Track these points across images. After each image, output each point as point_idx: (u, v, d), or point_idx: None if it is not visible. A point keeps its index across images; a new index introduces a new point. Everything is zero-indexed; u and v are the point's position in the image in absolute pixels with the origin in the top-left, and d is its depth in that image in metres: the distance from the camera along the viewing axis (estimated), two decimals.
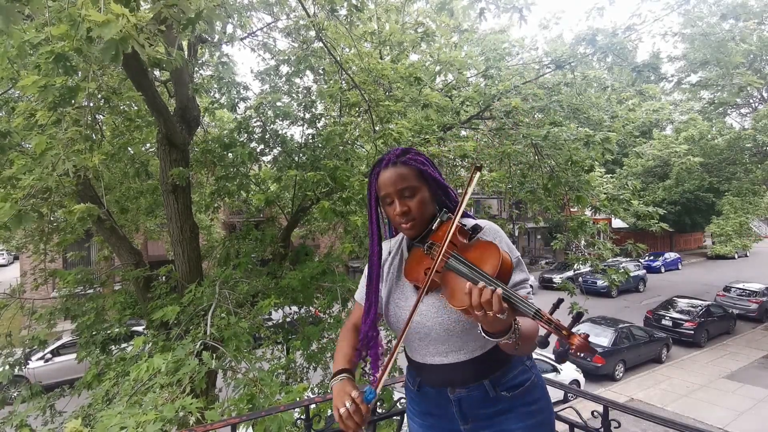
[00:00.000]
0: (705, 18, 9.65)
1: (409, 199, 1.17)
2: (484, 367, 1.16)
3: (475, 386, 1.17)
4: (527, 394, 1.18)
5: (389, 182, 1.18)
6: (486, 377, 1.16)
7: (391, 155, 1.20)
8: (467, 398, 1.18)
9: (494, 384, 1.17)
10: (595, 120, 5.55)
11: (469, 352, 1.16)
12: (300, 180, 4.22)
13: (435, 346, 1.18)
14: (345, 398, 1.06)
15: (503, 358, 1.17)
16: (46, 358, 9.14)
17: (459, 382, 1.18)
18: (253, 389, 2.45)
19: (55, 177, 2.43)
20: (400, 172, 1.17)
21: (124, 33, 1.74)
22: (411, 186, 1.17)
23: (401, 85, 4.78)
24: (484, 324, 0.94)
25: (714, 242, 17.28)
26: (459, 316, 1.12)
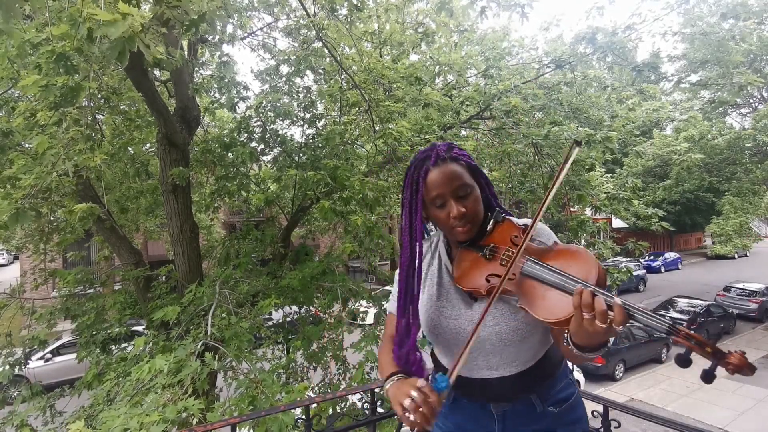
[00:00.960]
0: (705, 18, 9.65)
1: (464, 199, 1.04)
2: (532, 379, 1.08)
3: (521, 400, 1.08)
4: (572, 411, 1.10)
5: (443, 181, 1.03)
6: (534, 390, 1.08)
7: (439, 150, 1.06)
8: (512, 413, 1.09)
9: (541, 398, 1.08)
10: (596, 120, 5.55)
11: (522, 364, 1.07)
12: (300, 180, 4.22)
13: (486, 358, 1.07)
14: (409, 389, 0.88)
15: (550, 370, 1.10)
16: (46, 357, 9.14)
17: (504, 396, 1.09)
18: (255, 391, 2.45)
19: (55, 177, 2.44)
20: (453, 170, 1.04)
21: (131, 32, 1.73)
22: (465, 184, 1.04)
23: (401, 85, 4.78)
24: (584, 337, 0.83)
25: (714, 242, 17.29)
26: (517, 325, 1.02)
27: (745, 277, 17.85)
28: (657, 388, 9.77)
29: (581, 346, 0.86)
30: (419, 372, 1.06)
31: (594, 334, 0.80)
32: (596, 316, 0.78)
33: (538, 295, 0.92)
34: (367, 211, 4.46)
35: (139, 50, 1.83)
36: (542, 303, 0.91)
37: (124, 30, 1.69)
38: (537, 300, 0.92)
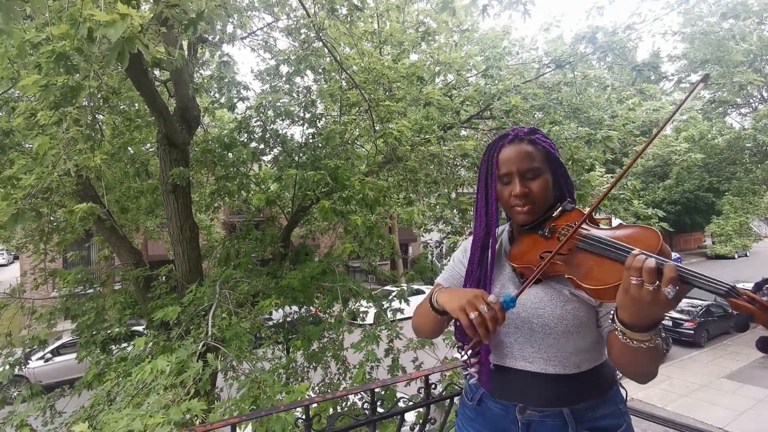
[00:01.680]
0: (705, 17, 9.66)
1: (531, 180, 1.03)
2: (570, 390, 0.98)
3: (552, 412, 0.98)
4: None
5: (513, 159, 1.04)
6: (568, 404, 0.98)
7: (519, 130, 1.08)
8: (539, 425, 0.99)
9: (576, 417, 0.97)
10: (596, 119, 5.55)
11: (560, 366, 0.98)
12: (300, 179, 4.22)
13: (522, 346, 1.02)
14: (479, 302, 0.86)
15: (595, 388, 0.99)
16: (46, 357, 9.14)
17: (535, 400, 1.00)
18: (257, 391, 2.45)
19: (56, 177, 2.44)
20: (526, 150, 1.04)
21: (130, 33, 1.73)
22: (535, 167, 1.04)
23: (402, 84, 4.78)
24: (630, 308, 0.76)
25: (714, 242, 17.29)
26: (563, 314, 0.97)
27: (745, 277, 17.84)
28: (657, 388, 9.77)
29: (629, 323, 0.79)
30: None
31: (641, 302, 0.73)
32: (643, 275, 0.72)
33: (589, 265, 0.88)
34: (367, 211, 4.46)
35: (139, 50, 1.83)
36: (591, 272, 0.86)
37: (124, 31, 1.69)
38: (587, 270, 0.88)
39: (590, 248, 0.89)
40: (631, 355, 0.84)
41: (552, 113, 5.13)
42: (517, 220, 1.08)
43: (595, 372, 1.00)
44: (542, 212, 1.05)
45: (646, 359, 0.84)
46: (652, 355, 0.83)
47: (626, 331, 0.80)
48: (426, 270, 17.99)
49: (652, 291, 0.71)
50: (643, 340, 0.79)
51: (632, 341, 0.80)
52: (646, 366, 0.87)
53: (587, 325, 0.98)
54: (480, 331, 0.84)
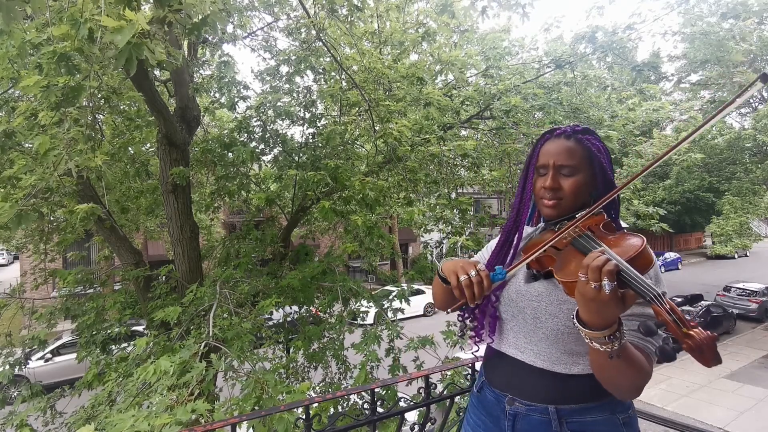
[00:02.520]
0: (705, 17, 9.66)
1: (565, 177, 1.04)
2: (558, 388, 0.98)
3: (538, 408, 0.99)
4: None
5: (552, 152, 1.05)
6: (555, 402, 0.98)
7: (571, 127, 1.08)
8: (524, 419, 1.00)
9: (561, 416, 0.97)
10: (596, 119, 5.55)
11: (549, 362, 0.99)
12: (300, 179, 4.22)
13: (516, 334, 1.05)
14: (470, 268, 0.91)
15: (585, 389, 0.97)
16: (46, 357, 9.14)
17: (522, 392, 1.02)
18: (259, 392, 2.45)
19: (56, 177, 2.44)
20: (568, 146, 1.04)
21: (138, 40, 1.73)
22: (573, 165, 1.03)
23: (402, 84, 4.79)
24: (585, 304, 0.78)
25: (714, 242, 17.28)
26: (557, 312, 0.98)
27: (745, 277, 17.86)
28: (657, 388, 9.77)
29: (585, 320, 0.81)
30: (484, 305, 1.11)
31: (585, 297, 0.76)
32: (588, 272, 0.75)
33: (569, 260, 0.91)
34: (367, 211, 4.47)
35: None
36: (568, 266, 0.89)
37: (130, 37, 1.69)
38: (565, 264, 0.91)
39: (579, 246, 0.92)
40: (597, 360, 0.86)
41: (552, 113, 5.13)
42: (542, 212, 1.10)
43: (588, 378, 0.96)
44: (568, 210, 1.05)
45: (614, 369, 0.84)
46: (620, 366, 0.83)
47: (583, 329, 0.81)
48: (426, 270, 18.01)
49: (594, 288, 0.74)
50: (599, 339, 0.80)
51: (592, 341, 0.81)
52: (618, 376, 0.86)
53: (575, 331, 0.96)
54: (466, 292, 0.89)
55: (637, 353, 0.86)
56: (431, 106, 4.65)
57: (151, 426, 1.72)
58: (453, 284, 0.91)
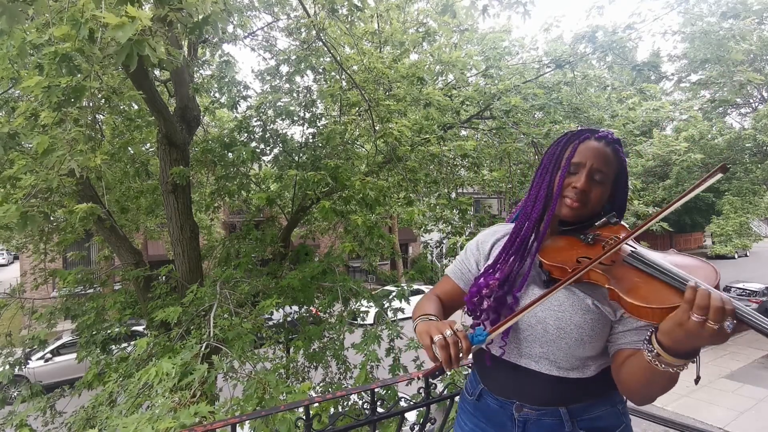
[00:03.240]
0: (705, 17, 9.66)
1: (595, 183, 1.01)
2: (567, 390, 0.98)
3: (548, 411, 0.98)
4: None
5: (593, 154, 1.01)
6: (565, 403, 0.98)
7: (609, 133, 1.05)
8: (535, 424, 0.99)
9: (573, 416, 0.97)
10: (596, 119, 5.55)
11: (564, 370, 0.98)
12: (300, 179, 4.22)
13: (530, 344, 1.00)
14: (445, 328, 0.85)
15: (592, 388, 0.99)
16: (46, 357, 9.14)
17: (532, 398, 1.00)
18: (261, 392, 2.45)
19: (57, 177, 2.44)
20: (607, 153, 1.02)
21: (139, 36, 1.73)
22: (606, 173, 1.01)
23: (402, 84, 4.79)
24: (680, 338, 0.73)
25: (714, 242, 17.27)
26: (582, 322, 0.95)
27: (745, 277, 17.86)
28: None
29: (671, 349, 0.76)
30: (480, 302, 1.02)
31: (698, 337, 0.71)
32: (710, 313, 0.69)
33: (635, 282, 0.84)
34: (367, 211, 4.47)
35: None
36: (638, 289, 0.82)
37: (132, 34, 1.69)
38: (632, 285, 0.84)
39: (640, 266, 0.87)
40: (650, 376, 0.82)
41: (552, 113, 5.13)
42: (560, 211, 1.04)
43: (597, 379, 0.99)
44: (585, 217, 1.03)
45: (663, 382, 0.82)
46: (671, 378, 0.81)
47: (664, 355, 0.77)
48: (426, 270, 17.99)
49: (716, 328, 0.69)
50: (677, 365, 0.77)
51: (662, 365, 0.78)
52: (659, 389, 0.85)
53: (601, 336, 0.97)
54: (441, 354, 0.83)
55: None
56: (431, 106, 4.65)
57: (154, 430, 1.71)
58: (426, 345, 0.86)
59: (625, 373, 0.91)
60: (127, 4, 1.69)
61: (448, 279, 1.20)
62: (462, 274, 1.18)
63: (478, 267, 1.16)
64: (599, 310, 0.96)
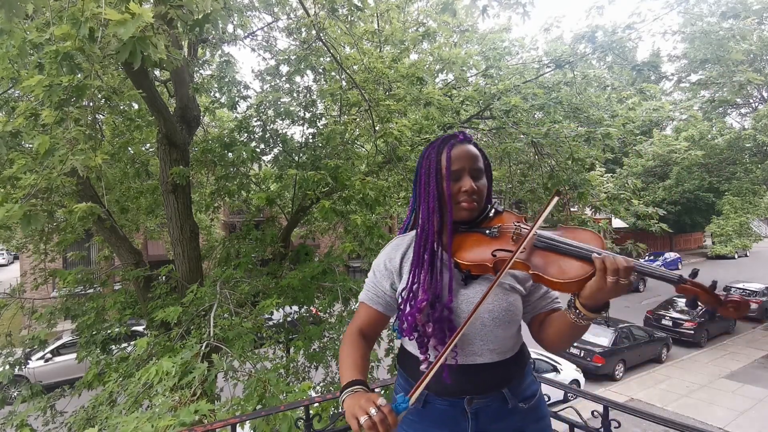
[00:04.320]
0: (705, 17, 9.65)
1: (476, 179, 1.11)
2: (506, 371, 1.10)
3: (494, 396, 1.08)
4: (538, 407, 1.13)
5: (467, 157, 1.10)
6: (507, 385, 1.09)
7: (465, 134, 1.15)
8: (485, 410, 1.08)
9: (513, 393, 1.09)
10: (595, 119, 5.55)
11: (501, 353, 1.09)
12: (300, 179, 4.22)
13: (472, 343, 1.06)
14: (369, 406, 0.86)
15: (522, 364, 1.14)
16: (46, 357, 9.14)
17: (479, 388, 1.07)
18: (262, 391, 2.45)
19: (61, 176, 2.44)
20: (475, 151, 1.12)
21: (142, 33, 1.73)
22: (481, 168, 1.13)
23: (402, 84, 4.79)
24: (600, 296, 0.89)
25: (714, 242, 17.28)
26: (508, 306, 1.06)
27: (745, 277, 17.86)
28: (657, 388, 9.77)
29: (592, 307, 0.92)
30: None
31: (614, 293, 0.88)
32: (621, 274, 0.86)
33: (552, 261, 0.97)
34: (367, 210, 4.47)
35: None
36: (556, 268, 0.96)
37: (135, 30, 1.68)
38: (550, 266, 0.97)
39: (551, 248, 0.99)
40: (573, 330, 0.98)
41: (552, 113, 5.14)
42: (459, 215, 1.10)
43: (521, 352, 1.15)
44: (481, 211, 1.12)
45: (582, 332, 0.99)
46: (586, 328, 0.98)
47: (587, 313, 0.93)
48: None
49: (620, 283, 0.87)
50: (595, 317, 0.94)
51: (582, 321, 0.94)
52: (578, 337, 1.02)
53: (520, 312, 1.11)
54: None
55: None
56: (431, 106, 4.66)
57: (154, 428, 1.71)
58: (355, 429, 0.86)
59: (550, 333, 1.07)
60: (129, 1, 1.69)
61: (364, 306, 1.19)
62: (378, 298, 1.17)
63: (393, 287, 1.16)
64: (514, 290, 1.09)
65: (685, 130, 13.93)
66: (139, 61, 1.84)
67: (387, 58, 5.00)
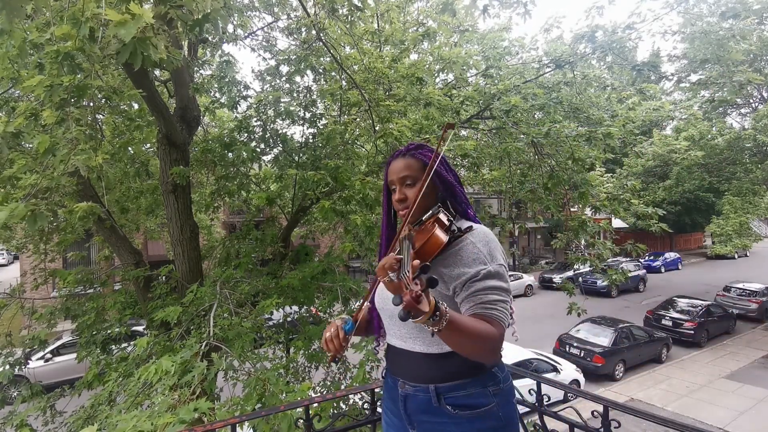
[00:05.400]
0: (705, 18, 9.64)
1: (409, 187, 1.22)
2: (434, 368, 1.13)
3: (421, 388, 1.15)
4: (478, 420, 1.10)
5: (395, 171, 1.25)
6: (434, 381, 1.13)
7: (404, 149, 1.28)
8: (412, 398, 1.16)
9: (440, 393, 1.12)
10: (596, 119, 5.55)
11: (425, 344, 1.15)
12: (300, 179, 4.22)
13: (396, 327, 1.22)
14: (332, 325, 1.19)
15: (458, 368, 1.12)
16: (46, 358, 9.14)
17: (409, 375, 1.18)
18: (261, 390, 2.45)
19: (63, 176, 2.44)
20: (407, 163, 1.23)
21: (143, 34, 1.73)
22: (413, 176, 1.22)
23: (402, 84, 4.79)
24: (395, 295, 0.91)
25: (714, 242, 17.28)
26: None
27: (745, 277, 17.85)
28: (657, 388, 9.77)
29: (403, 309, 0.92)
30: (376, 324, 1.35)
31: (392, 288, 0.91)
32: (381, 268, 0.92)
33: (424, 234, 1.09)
34: (367, 211, 4.47)
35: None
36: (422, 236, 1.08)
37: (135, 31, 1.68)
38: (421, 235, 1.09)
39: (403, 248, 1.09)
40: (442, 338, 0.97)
41: (552, 113, 5.13)
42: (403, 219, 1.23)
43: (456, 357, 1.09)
44: (420, 215, 1.20)
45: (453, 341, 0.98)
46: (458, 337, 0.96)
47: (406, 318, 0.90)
48: None
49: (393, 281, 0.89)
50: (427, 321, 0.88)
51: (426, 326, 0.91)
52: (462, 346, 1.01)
53: None
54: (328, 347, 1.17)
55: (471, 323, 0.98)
56: (431, 106, 4.65)
57: (154, 425, 1.72)
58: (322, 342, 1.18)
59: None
60: (129, 1, 1.69)
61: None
62: None
63: None
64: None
65: (685, 130, 13.93)
66: (140, 62, 1.84)
67: (387, 58, 5.00)
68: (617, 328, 10.86)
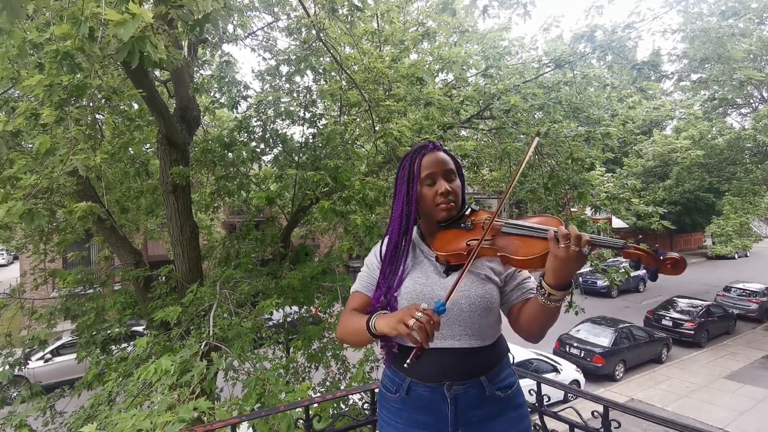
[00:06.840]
0: (705, 17, 9.63)
1: (450, 182, 1.22)
2: (486, 360, 1.17)
3: (472, 383, 1.15)
4: (515, 397, 1.20)
5: (436, 163, 1.22)
6: (484, 373, 1.16)
7: (431, 144, 1.27)
8: (464, 397, 1.15)
9: (491, 381, 1.17)
10: (595, 119, 5.54)
11: (480, 340, 1.17)
12: (300, 179, 4.22)
13: (451, 326, 1.15)
14: (413, 312, 0.95)
15: (500, 355, 1.22)
16: (46, 358, 9.14)
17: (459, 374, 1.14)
18: (261, 389, 2.45)
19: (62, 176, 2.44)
20: (444, 156, 1.24)
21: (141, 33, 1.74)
22: (453, 170, 1.24)
23: (402, 84, 4.79)
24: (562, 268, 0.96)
25: (714, 242, 17.28)
26: (485, 293, 1.16)
27: (745, 277, 17.85)
28: (657, 388, 9.77)
29: (554, 284, 0.98)
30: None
31: (568, 261, 0.94)
32: (571, 239, 0.93)
33: (516, 244, 1.08)
34: (367, 211, 4.47)
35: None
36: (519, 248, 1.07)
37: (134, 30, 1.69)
38: (514, 247, 1.08)
39: (514, 231, 1.10)
40: (544, 315, 1.06)
41: (552, 113, 5.13)
42: (439, 216, 1.22)
43: (498, 342, 1.22)
44: (458, 210, 1.23)
45: (554, 317, 1.06)
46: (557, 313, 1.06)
47: (552, 291, 0.99)
48: None
49: (578, 250, 0.93)
50: (561, 298, 1.00)
51: (550, 302, 1.01)
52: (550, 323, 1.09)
53: (497, 302, 1.20)
54: (420, 335, 0.92)
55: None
56: (431, 106, 4.65)
57: (153, 424, 1.72)
58: (404, 333, 0.94)
59: (523, 321, 1.14)
60: (129, 1, 1.69)
61: (358, 294, 1.30)
62: (372, 286, 1.28)
63: None
64: (491, 280, 1.19)
65: (686, 129, 13.92)
66: (137, 60, 1.84)
67: (387, 58, 5.00)
68: (617, 328, 10.85)
